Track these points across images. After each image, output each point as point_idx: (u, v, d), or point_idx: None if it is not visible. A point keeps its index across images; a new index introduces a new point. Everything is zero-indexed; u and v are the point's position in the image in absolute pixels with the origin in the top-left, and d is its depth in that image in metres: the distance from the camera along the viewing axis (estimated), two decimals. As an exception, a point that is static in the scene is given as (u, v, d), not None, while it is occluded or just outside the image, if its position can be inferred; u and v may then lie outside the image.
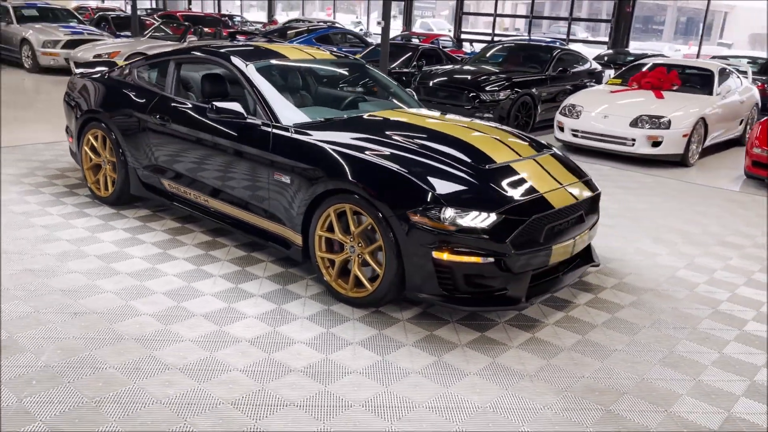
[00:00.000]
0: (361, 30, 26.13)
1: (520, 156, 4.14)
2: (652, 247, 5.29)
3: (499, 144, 4.25)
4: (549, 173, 4.06)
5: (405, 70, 12.00)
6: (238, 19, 25.55)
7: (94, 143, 5.45)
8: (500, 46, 12.39)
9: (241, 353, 3.33)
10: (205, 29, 16.49)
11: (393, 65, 12.23)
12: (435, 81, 10.31)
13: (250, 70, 4.55)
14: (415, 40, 17.67)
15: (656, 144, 8.28)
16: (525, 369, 3.36)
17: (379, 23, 10.28)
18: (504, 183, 3.79)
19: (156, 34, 14.60)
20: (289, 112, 4.37)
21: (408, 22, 25.52)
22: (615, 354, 3.57)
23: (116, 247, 4.61)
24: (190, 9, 31.12)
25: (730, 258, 5.15)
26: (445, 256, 3.48)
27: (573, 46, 16.24)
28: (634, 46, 20.99)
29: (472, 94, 9.78)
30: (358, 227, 3.76)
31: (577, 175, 4.25)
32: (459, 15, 24.88)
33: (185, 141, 4.72)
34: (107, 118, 5.28)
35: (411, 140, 4.06)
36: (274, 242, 4.28)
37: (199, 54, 5.00)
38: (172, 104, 4.89)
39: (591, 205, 4.26)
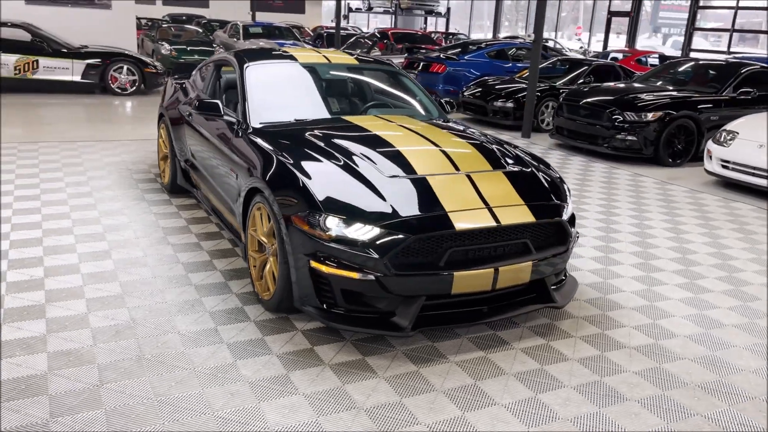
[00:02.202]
0: (581, 48, 24.88)
1: (455, 170, 3.71)
2: None
3: (440, 156, 3.86)
4: (478, 191, 3.55)
5: (567, 87, 11.18)
6: (463, 36, 26.11)
7: (163, 135, 6.13)
8: (676, 61, 10.88)
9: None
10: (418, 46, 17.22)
11: (560, 81, 11.51)
12: (581, 99, 9.47)
13: (246, 70, 4.73)
14: (617, 56, 16.30)
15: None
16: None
17: (529, 36, 9.75)
18: (407, 196, 3.43)
19: (375, 51, 15.45)
20: (265, 112, 4.45)
21: (632, 39, 23.61)
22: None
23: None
24: (423, 29, 32.57)
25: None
26: (324, 267, 3.27)
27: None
28: None
29: (614, 115, 8.79)
30: (267, 227, 3.72)
31: (532, 198, 3.66)
32: (689, 31, 22.33)
33: (196, 135, 5.09)
34: (165, 115, 5.92)
35: (347, 147, 3.86)
36: (238, 239, 4.40)
37: (221, 57, 5.33)
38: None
39: (546, 235, 3.63)
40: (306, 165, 3.65)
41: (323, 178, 3.53)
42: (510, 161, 3.99)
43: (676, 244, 5.49)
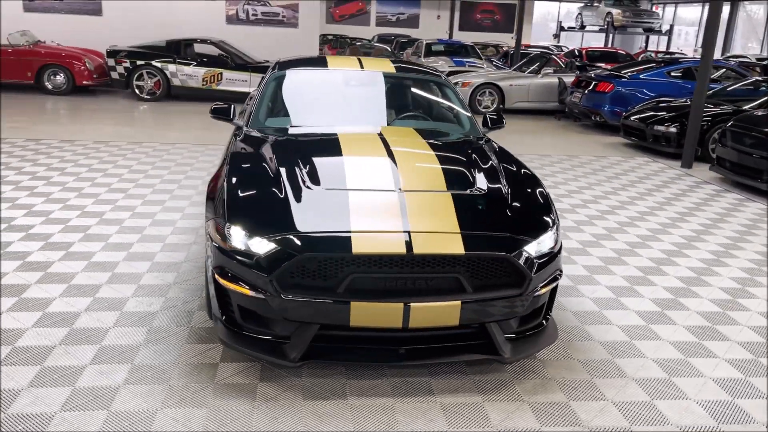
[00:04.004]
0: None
1: (392, 189, 3.26)
2: None
3: (386, 172, 3.43)
4: (405, 213, 3.07)
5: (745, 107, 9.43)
6: (681, 56, 23.58)
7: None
8: None
9: None
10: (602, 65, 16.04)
11: (750, 105, 9.77)
12: (751, 126, 7.90)
13: (269, 77, 4.71)
14: None
15: None
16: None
17: (695, 51, 8.48)
18: (318, 211, 3.10)
19: (547, 69, 14.67)
20: (264, 119, 4.38)
21: None
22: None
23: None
24: (643, 48, 30.11)
25: None
26: (224, 280, 3.08)
27: None
28: None
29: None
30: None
31: (476, 227, 3.09)
32: None
33: None
34: None
35: (296, 157, 3.58)
36: None
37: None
38: None
39: (495, 273, 3.03)
40: (238, 173, 3.49)
41: (246, 187, 3.32)
42: (480, 185, 3.42)
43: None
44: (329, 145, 3.84)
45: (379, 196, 3.21)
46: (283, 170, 3.41)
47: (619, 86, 11.71)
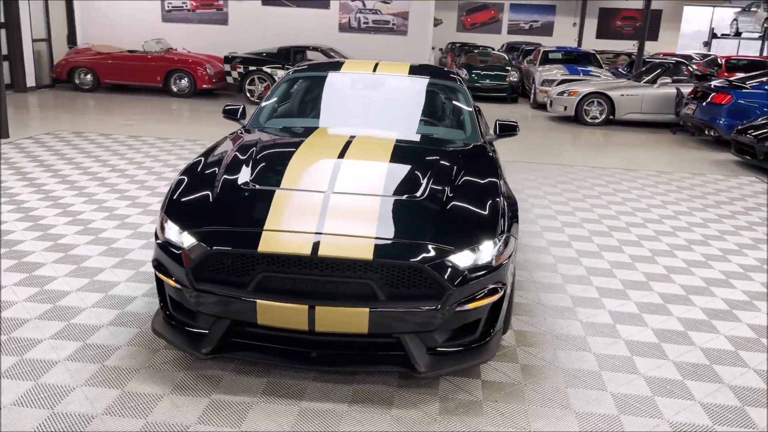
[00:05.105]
0: None
1: (323, 190, 3.21)
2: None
3: (326, 172, 3.40)
4: (324, 214, 3.00)
5: None
6: None
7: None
8: None
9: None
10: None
11: None
12: None
13: (280, 80, 4.82)
14: None
15: None
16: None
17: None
18: (241, 207, 3.15)
19: (664, 79, 13.70)
20: (265, 118, 4.49)
21: None
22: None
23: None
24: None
25: None
26: (157, 271, 3.22)
27: None
28: None
29: None
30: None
31: (398, 234, 2.95)
32: None
33: None
34: None
35: (263, 155, 3.65)
36: None
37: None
38: None
39: (415, 283, 2.89)
40: (191, 169, 3.60)
41: (189, 184, 3.41)
42: (419, 193, 3.26)
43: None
44: (289, 146, 3.87)
45: (305, 197, 3.17)
46: (228, 168, 3.48)
47: (738, 98, 10.57)
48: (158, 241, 3.21)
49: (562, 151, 10.19)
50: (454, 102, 4.73)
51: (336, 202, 3.12)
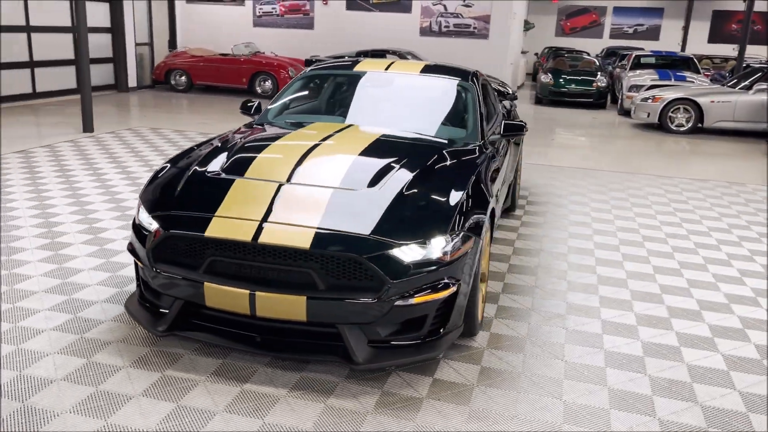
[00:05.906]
0: None
1: (280, 180, 3.31)
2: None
3: (287, 165, 3.47)
4: (272, 204, 3.09)
5: None
6: None
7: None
8: None
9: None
10: None
11: None
12: None
13: (299, 74, 4.97)
14: None
15: None
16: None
17: None
18: (201, 194, 3.30)
19: (761, 84, 12.74)
20: (276, 117, 4.63)
21: None
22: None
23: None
24: None
25: None
26: (131, 253, 3.43)
27: None
28: None
29: None
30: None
31: (342, 224, 2.98)
32: None
33: None
34: None
35: (242, 147, 3.79)
36: None
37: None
38: None
39: (357, 275, 2.91)
40: (176, 158, 3.79)
41: (167, 171, 3.61)
42: (377, 186, 3.27)
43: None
44: (271, 139, 4.00)
45: (260, 186, 3.27)
46: (204, 158, 3.65)
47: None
48: (133, 224, 3.42)
49: (632, 159, 9.70)
50: (461, 101, 4.67)
51: (288, 192, 3.20)
